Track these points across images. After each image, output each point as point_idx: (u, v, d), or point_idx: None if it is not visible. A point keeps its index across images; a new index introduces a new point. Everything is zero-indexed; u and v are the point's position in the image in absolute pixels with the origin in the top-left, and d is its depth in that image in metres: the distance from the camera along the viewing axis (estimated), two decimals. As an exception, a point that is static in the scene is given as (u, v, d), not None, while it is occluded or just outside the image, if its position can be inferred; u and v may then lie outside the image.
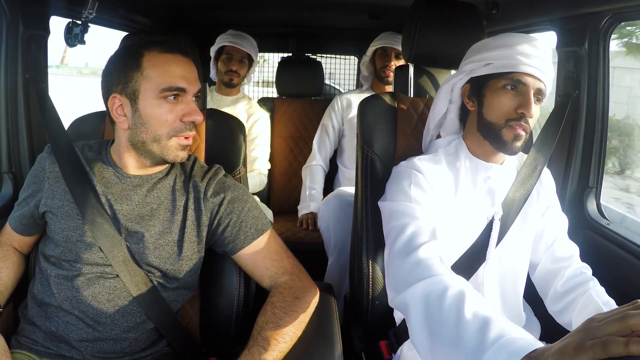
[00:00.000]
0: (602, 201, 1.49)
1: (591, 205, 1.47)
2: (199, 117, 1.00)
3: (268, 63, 4.25)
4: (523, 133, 1.04)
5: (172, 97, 0.97)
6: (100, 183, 1.04)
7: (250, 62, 2.28)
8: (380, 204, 1.13)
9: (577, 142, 1.46)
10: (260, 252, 1.07)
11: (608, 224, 1.41)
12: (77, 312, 0.99)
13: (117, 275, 1.00)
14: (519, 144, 1.05)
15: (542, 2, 1.47)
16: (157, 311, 1.03)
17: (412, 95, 1.43)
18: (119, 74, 0.98)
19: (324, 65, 2.82)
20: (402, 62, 2.24)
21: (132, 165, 1.05)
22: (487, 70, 1.05)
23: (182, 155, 1.02)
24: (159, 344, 1.06)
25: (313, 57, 2.93)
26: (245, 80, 2.36)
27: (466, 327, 0.72)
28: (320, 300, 1.09)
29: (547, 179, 1.18)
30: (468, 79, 1.10)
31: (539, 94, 1.04)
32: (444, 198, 1.08)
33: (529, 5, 1.54)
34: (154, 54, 0.97)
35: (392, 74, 2.24)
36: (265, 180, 2.30)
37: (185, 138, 1.00)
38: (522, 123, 1.03)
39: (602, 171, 1.50)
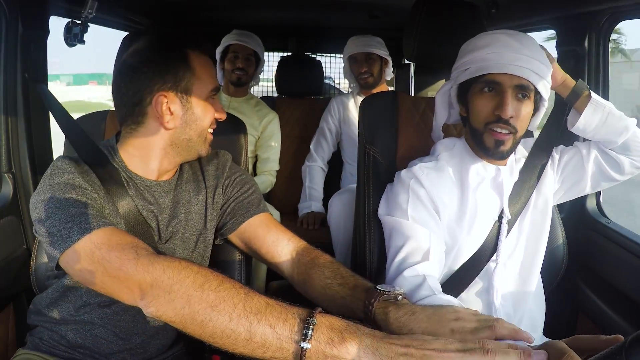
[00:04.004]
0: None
1: (591, 204, 1.47)
2: (225, 115, 1.05)
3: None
4: (505, 137, 1.01)
5: (212, 97, 1.02)
6: (135, 196, 0.97)
7: (257, 60, 2.27)
8: (381, 217, 1.13)
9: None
10: (272, 222, 1.09)
11: (608, 222, 1.41)
12: (111, 327, 0.97)
13: None
14: (503, 148, 1.02)
15: (542, 1, 1.47)
16: None
17: (413, 94, 1.43)
18: (166, 72, 0.94)
19: (323, 65, 2.82)
20: (377, 63, 2.25)
21: (158, 170, 1.01)
22: (467, 76, 1.04)
23: (210, 149, 1.06)
24: (177, 346, 1.06)
25: (313, 56, 2.93)
26: (253, 81, 2.35)
27: None
28: None
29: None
30: (457, 85, 1.09)
31: (523, 90, 1.00)
32: (447, 208, 1.07)
33: (529, 4, 1.54)
34: (198, 54, 0.98)
35: (370, 78, 2.25)
36: (273, 181, 2.31)
37: (210, 133, 1.05)
38: (502, 125, 0.99)
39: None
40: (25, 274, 1.18)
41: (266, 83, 3.60)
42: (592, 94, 1.09)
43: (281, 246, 1.05)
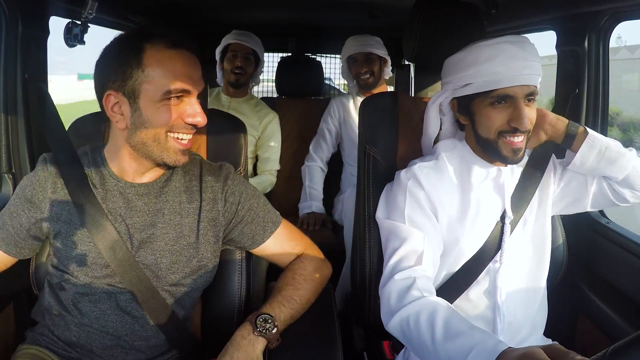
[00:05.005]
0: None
1: (591, 205, 1.47)
2: (202, 120, 0.94)
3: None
4: (521, 144, 1.00)
5: (176, 98, 0.91)
6: (106, 198, 0.99)
7: (256, 60, 2.26)
8: (379, 220, 1.13)
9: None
10: (284, 239, 1.13)
11: (608, 222, 1.41)
12: (97, 326, 0.98)
13: (132, 292, 0.98)
14: (520, 154, 1.02)
15: (542, 2, 1.47)
16: (170, 327, 1.02)
17: (413, 95, 1.43)
18: (117, 69, 0.89)
19: (323, 65, 2.82)
20: (376, 62, 2.25)
21: (132, 170, 1.00)
22: (472, 90, 1.01)
23: (183, 159, 0.96)
24: (173, 351, 1.06)
25: (313, 57, 2.93)
26: (252, 81, 2.34)
27: (439, 345, 0.84)
28: (320, 300, 1.10)
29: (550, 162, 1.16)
30: (452, 97, 1.08)
31: (531, 95, 1.00)
32: (447, 208, 1.07)
33: (529, 4, 1.54)
34: (156, 49, 0.89)
35: (371, 78, 2.24)
36: (274, 181, 2.30)
37: (183, 140, 0.95)
38: (519, 133, 0.99)
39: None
40: (25, 274, 1.18)
41: (265, 83, 3.60)
42: (588, 129, 1.06)
43: (289, 259, 1.15)
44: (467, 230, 1.07)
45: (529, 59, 0.98)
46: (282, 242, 1.13)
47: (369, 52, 2.23)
